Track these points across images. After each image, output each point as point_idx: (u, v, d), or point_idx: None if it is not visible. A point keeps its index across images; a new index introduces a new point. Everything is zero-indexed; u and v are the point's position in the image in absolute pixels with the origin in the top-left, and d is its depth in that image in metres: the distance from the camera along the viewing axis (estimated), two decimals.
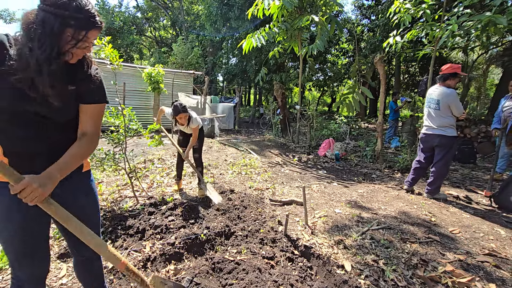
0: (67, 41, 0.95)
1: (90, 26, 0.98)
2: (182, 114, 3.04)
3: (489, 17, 3.27)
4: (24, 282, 1.14)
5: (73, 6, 0.92)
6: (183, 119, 3.09)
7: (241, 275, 1.86)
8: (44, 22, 0.91)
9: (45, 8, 0.91)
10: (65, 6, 0.91)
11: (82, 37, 0.97)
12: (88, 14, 0.96)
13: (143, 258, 2.07)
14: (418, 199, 3.54)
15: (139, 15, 28.58)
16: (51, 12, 0.91)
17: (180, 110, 3.02)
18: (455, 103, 3.27)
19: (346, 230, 2.62)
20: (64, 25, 0.93)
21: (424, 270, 1.98)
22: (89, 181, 1.28)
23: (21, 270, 1.12)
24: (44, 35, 0.91)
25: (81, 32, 0.96)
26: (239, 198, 3.32)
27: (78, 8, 0.93)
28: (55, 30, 0.91)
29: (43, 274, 1.20)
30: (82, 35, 0.97)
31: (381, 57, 5.39)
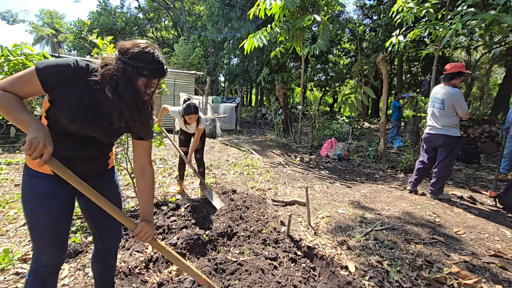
0: (143, 89, 1.09)
1: (160, 75, 1.10)
2: (193, 115, 3.00)
3: (493, 16, 3.24)
4: (47, 267, 1.22)
5: (148, 58, 1.04)
6: (192, 119, 3.05)
7: (244, 275, 1.85)
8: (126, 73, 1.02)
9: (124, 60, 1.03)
10: (140, 58, 1.03)
11: (155, 85, 1.12)
12: (159, 64, 1.07)
13: (146, 259, 2.06)
14: (421, 200, 3.51)
15: (141, 16, 28.65)
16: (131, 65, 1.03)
17: (193, 111, 2.98)
18: (459, 102, 3.24)
19: (350, 230, 2.59)
20: (138, 74, 1.04)
21: (429, 271, 1.96)
22: (114, 174, 1.43)
23: (47, 255, 1.20)
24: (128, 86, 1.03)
25: (153, 81, 1.09)
26: (241, 199, 3.30)
27: (152, 60, 1.05)
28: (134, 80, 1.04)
29: (61, 262, 1.28)
30: (155, 83, 1.11)
31: (383, 56, 5.36)
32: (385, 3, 13.79)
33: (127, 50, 1.04)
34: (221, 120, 10.33)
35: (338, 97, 26.24)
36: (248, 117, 18.58)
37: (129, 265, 1.97)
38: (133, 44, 1.06)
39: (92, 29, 20.68)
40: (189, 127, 3.29)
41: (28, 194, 1.15)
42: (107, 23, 21.66)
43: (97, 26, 21.21)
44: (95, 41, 2.67)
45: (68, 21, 30.97)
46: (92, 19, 22.27)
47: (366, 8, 17.75)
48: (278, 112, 10.50)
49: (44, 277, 1.23)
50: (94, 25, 21.46)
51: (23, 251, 2.10)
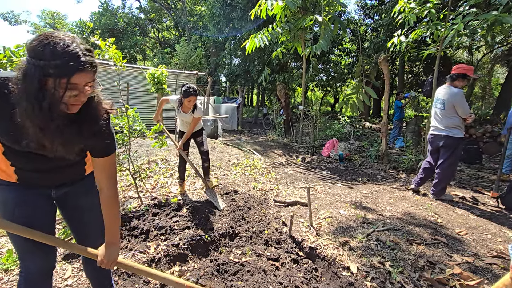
0: (52, 93, 0.83)
1: (72, 71, 0.83)
2: (193, 97, 3.00)
3: (495, 16, 3.23)
4: (33, 273, 1.18)
5: (47, 51, 0.80)
6: (192, 102, 3.04)
7: (246, 276, 1.85)
8: (25, 75, 0.82)
9: (27, 59, 0.82)
10: (40, 54, 0.80)
11: (65, 86, 0.84)
12: (67, 57, 0.81)
13: (148, 259, 2.07)
14: (423, 200, 3.50)
15: (142, 16, 28.73)
16: (30, 63, 0.81)
17: (192, 93, 2.98)
18: (460, 103, 3.23)
19: (351, 231, 2.59)
20: (43, 75, 0.81)
21: (431, 272, 1.96)
22: (91, 182, 1.28)
23: (34, 261, 1.17)
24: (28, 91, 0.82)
25: (62, 79, 0.82)
26: (243, 199, 3.31)
27: (54, 53, 0.80)
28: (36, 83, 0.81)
29: (51, 266, 1.24)
30: (64, 82, 0.83)
31: (385, 56, 5.35)
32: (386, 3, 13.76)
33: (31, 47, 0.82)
34: (223, 120, 10.34)
35: (339, 97, 26.21)
36: (250, 118, 18.59)
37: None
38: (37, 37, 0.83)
39: (94, 30, 20.77)
40: (185, 116, 3.23)
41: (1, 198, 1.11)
42: (109, 24, 21.72)
43: (99, 27, 21.28)
44: (97, 42, 2.68)
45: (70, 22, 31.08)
46: (94, 20, 22.34)
47: (367, 8, 17.72)
48: (279, 112, 10.50)
49: (36, 284, 1.20)
50: (95, 25, 21.53)
51: None
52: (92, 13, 23.00)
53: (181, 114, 3.23)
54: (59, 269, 1.96)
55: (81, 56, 0.84)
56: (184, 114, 3.22)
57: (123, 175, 4.04)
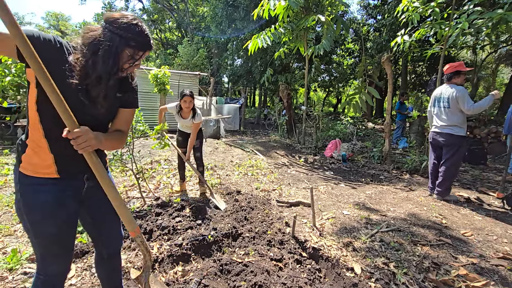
0: (126, 60, 1.09)
1: (147, 48, 1.12)
2: (187, 98, 3.04)
3: (501, 15, 3.21)
4: (53, 276, 1.18)
5: (136, 29, 1.06)
6: (188, 103, 3.07)
7: (249, 277, 1.84)
8: (111, 41, 1.03)
9: (111, 29, 1.04)
10: (130, 30, 1.05)
11: (139, 57, 1.12)
12: (147, 37, 1.10)
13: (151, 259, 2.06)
14: (428, 201, 3.47)
15: (145, 17, 28.86)
16: (117, 34, 1.04)
17: (187, 93, 3.04)
18: (462, 97, 3.20)
19: (355, 232, 2.58)
20: (126, 45, 1.06)
21: (436, 273, 1.94)
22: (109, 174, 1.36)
23: (58, 264, 1.17)
24: (109, 53, 1.03)
25: (139, 52, 1.11)
26: (245, 199, 3.30)
27: (140, 32, 1.07)
28: (118, 49, 1.05)
29: (70, 268, 1.25)
30: (140, 55, 1.11)
31: (388, 56, 5.32)
32: (389, 3, 13.71)
33: (115, 20, 1.04)
34: (225, 121, 10.35)
35: (342, 98, 26.15)
36: (252, 118, 18.59)
37: (135, 266, 1.98)
38: (121, 15, 1.06)
39: None
40: (185, 121, 3.26)
41: (30, 205, 1.08)
42: None
43: None
44: None
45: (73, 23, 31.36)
46: (97, 21, 22.49)
47: (370, 8, 17.68)
48: (282, 113, 10.49)
49: (54, 286, 1.19)
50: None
51: (30, 251, 2.12)
52: (96, 14, 23.20)
53: (181, 120, 3.28)
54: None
55: (151, 39, 1.13)
56: (184, 120, 3.27)
57: (126, 175, 4.06)
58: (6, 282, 1.81)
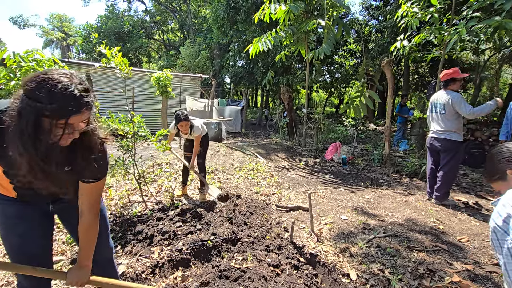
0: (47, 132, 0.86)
1: (70, 113, 0.86)
2: (183, 122, 3.12)
3: (499, 22, 3.23)
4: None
5: (46, 94, 0.82)
6: (184, 127, 3.16)
7: (247, 283, 1.89)
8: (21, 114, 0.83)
9: (23, 98, 0.84)
10: (37, 96, 0.82)
11: (63, 126, 0.87)
12: (66, 101, 0.84)
13: (152, 264, 2.12)
14: (426, 206, 3.50)
15: (148, 19, 29.05)
16: (26, 104, 0.83)
17: (182, 118, 3.10)
18: (458, 103, 3.22)
19: (352, 237, 2.62)
20: (39, 116, 0.83)
21: (430, 280, 1.97)
22: None
23: (26, 278, 1.20)
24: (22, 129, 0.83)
25: (59, 121, 0.86)
26: (245, 204, 3.35)
27: (52, 96, 0.82)
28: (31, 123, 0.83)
29: (45, 281, 1.27)
30: (62, 123, 0.86)
31: (388, 60, 5.35)
32: (391, 4, 13.70)
33: (25, 84, 0.84)
34: (227, 123, 10.41)
35: (344, 98, 26.13)
36: (254, 119, 18.65)
37: (136, 271, 2.04)
38: (34, 75, 0.85)
39: (100, 33, 21.05)
40: (186, 137, 3.41)
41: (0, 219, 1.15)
42: (115, 27, 22.04)
43: (105, 30, 21.60)
44: (103, 51, 2.76)
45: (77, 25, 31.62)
46: (100, 23, 22.69)
47: (372, 9, 17.65)
48: (283, 115, 10.53)
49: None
50: (102, 28, 21.85)
51: None
52: (99, 16, 23.36)
53: (183, 137, 3.45)
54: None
55: (78, 98, 0.86)
56: (185, 136, 3.42)
57: (128, 179, 4.12)
58: (12, 287, 1.87)
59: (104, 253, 1.41)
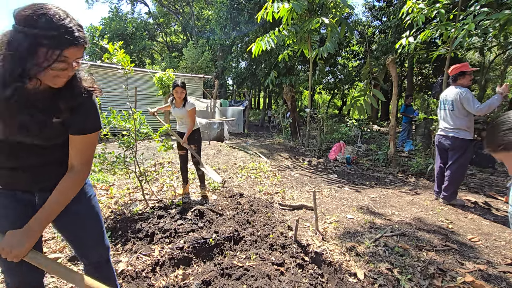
0: (38, 63, 0.83)
1: (66, 44, 0.84)
2: (178, 88, 3.18)
3: (508, 16, 3.15)
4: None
5: (43, 21, 0.80)
6: (179, 93, 3.20)
7: (250, 281, 1.82)
8: (11, 42, 0.81)
9: (14, 27, 0.82)
10: (34, 23, 0.80)
11: (56, 57, 0.84)
12: (63, 30, 0.83)
13: (152, 262, 2.06)
14: (433, 205, 3.41)
15: (151, 21, 29.23)
16: (20, 31, 0.81)
17: (179, 84, 3.18)
18: (467, 99, 3.13)
19: (358, 236, 2.54)
20: (34, 44, 0.81)
21: (441, 280, 1.89)
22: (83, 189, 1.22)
23: (11, 275, 1.12)
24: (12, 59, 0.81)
25: (54, 51, 0.83)
26: (248, 202, 3.28)
27: (49, 24, 0.81)
28: (22, 50, 0.80)
29: (36, 279, 1.18)
30: (56, 54, 0.84)
31: (393, 58, 5.28)
32: (394, 5, 13.64)
33: (18, 14, 0.82)
34: (229, 123, 10.37)
35: (347, 100, 26.02)
36: (256, 120, 18.60)
37: (136, 269, 1.98)
38: (28, 6, 0.82)
39: (104, 35, 21.21)
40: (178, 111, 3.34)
41: None
42: (118, 29, 22.20)
43: (109, 32, 21.75)
44: (105, 46, 2.72)
45: None
46: (104, 25, 22.86)
47: (375, 10, 17.60)
48: (286, 115, 10.47)
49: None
50: (106, 30, 22.02)
51: None
52: (102, 18, 23.56)
53: (175, 110, 3.36)
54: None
55: (75, 30, 0.85)
56: (177, 110, 3.35)
57: (130, 178, 4.08)
58: None
59: (101, 253, 1.31)
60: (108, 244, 1.35)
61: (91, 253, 1.27)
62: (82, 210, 1.21)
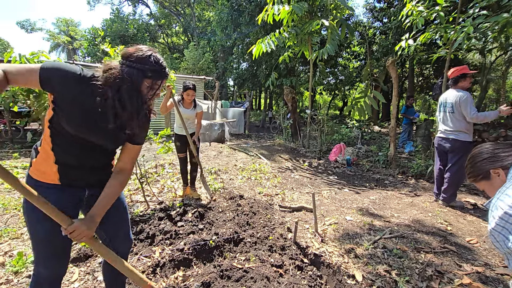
0: (146, 92, 1.13)
1: (164, 76, 1.15)
2: (190, 91, 3.19)
3: (507, 19, 3.17)
4: (45, 279, 1.23)
5: (151, 61, 1.09)
6: (190, 96, 3.22)
7: (249, 283, 1.85)
8: (131, 76, 1.06)
9: (129, 64, 1.07)
10: (145, 61, 1.08)
11: (158, 87, 1.15)
12: (162, 66, 1.13)
13: (153, 264, 2.09)
14: (433, 207, 3.42)
15: (152, 22, 29.35)
16: (134, 67, 1.07)
17: (191, 87, 3.18)
18: (465, 103, 3.14)
19: (357, 238, 2.55)
20: (144, 77, 1.09)
21: (439, 282, 1.90)
22: None
23: (46, 267, 1.21)
24: (132, 88, 1.08)
25: (157, 82, 1.13)
26: (248, 204, 3.30)
27: (155, 62, 1.10)
28: (139, 83, 1.09)
29: (62, 273, 1.28)
30: (158, 84, 1.14)
31: (393, 60, 5.29)
32: (395, 6, 13.65)
33: (131, 54, 1.09)
34: (230, 124, 10.40)
35: (348, 101, 26.01)
36: (257, 121, 18.62)
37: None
38: (137, 49, 1.10)
39: (106, 37, 21.30)
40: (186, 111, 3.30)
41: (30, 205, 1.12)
42: (120, 30, 22.30)
43: (110, 33, 21.86)
44: (106, 50, 2.76)
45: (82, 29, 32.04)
46: (106, 27, 22.97)
47: (376, 11, 17.61)
48: (286, 117, 10.49)
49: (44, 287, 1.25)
50: (107, 32, 22.12)
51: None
52: (104, 20, 23.65)
53: (183, 109, 3.34)
54: (67, 272, 1.99)
55: (165, 67, 1.16)
56: (187, 110, 3.35)
57: (131, 179, 4.11)
58: (11, 285, 1.85)
59: (128, 245, 1.47)
60: (132, 238, 1.51)
61: (121, 244, 1.41)
62: (121, 205, 1.39)
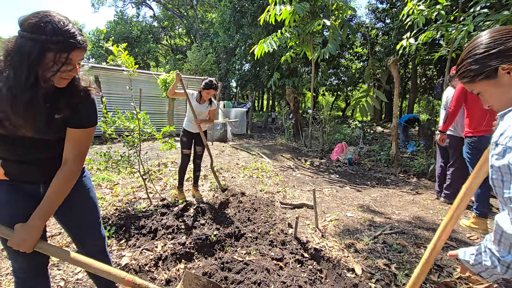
0: (48, 67, 0.91)
1: (72, 48, 0.92)
2: (213, 91, 3.07)
3: (507, 16, 3.17)
4: (19, 272, 1.18)
5: (50, 28, 0.87)
6: (211, 95, 3.13)
7: (249, 275, 1.87)
8: (21, 49, 0.87)
9: (22, 34, 0.88)
10: (41, 30, 0.87)
11: (64, 60, 0.93)
12: (68, 35, 0.90)
13: (155, 257, 2.12)
14: (434, 204, 3.43)
15: (156, 24, 29.59)
16: (28, 38, 0.87)
17: (214, 87, 3.06)
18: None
19: (358, 234, 2.57)
20: (44, 50, 0.88)
21: (438, 275, 1.92)
22: (81, 178, 1.28)
23: (16, 260, 1.16)
24: (19, 62, 0.87)
25: (62, 55, 0.91)
26: (249, 201, 3.33)
27: (55, 30, 0.88)
28: (33, 56, 0.87)
29: (42, 262, 1.22)
30: (64, 58, 0.92)
31: (394, 60, 5.31)
32: (397, 6, 13.65)
33: (24, 22, 0.88)
34: (232, 124, 10.45)
35: (350, 102, 25.97)
36: (260, 122, 18.66)
37: (139, 263, 2.04)
38: (32, 14, 0.89)
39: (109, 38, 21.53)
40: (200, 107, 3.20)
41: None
42: (124, 32, 22.53)
43: (114, 35, 22.08)
44: (110, 48, 2.81)
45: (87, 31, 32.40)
46: (110, 28, 23.22)
47: (378, 12, 17.62)
48: (289, 117, 10.52)
49: (25, 281, 1.19)
50: (111, 34, 22.35)
51: None
52: (108, 22, 23.90)
53: (198, 105, 3.21)
54: (71, 264, 2.03)
55: (77, 35, 0.93)
56: (201, 106, 3.22)
57: (134, 177, 4.15)
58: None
59: (96, 242, 1.36)
60: (104, 235, 1.40)
61: (86, 241, 1.32)
62: (80, 198, 1.27)
